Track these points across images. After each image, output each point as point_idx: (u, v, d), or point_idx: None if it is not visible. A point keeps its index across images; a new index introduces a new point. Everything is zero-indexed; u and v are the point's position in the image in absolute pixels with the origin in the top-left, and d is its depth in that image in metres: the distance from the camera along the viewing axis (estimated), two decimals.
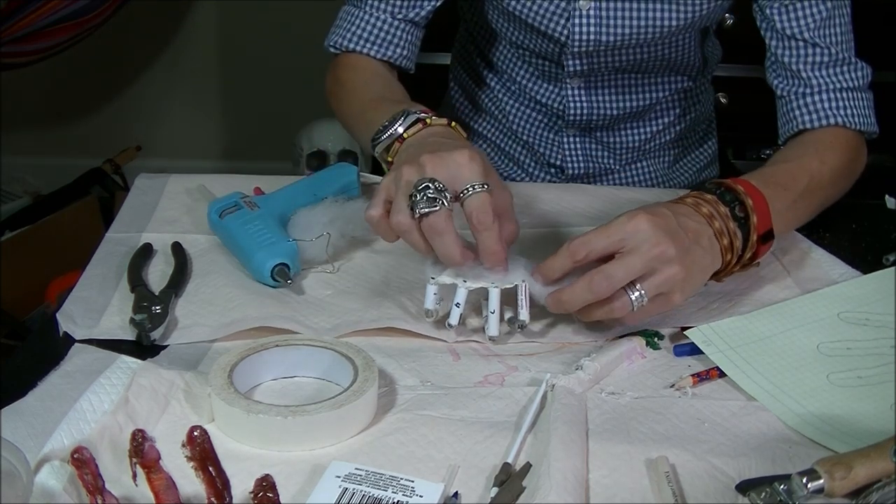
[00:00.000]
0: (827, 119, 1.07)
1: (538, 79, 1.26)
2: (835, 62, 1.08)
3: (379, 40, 1.15)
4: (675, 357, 0.86)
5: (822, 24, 1.07)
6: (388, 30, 1.15)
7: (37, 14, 2.37)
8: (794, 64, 1.08)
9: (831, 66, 1.08)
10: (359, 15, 1.16)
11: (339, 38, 1.17)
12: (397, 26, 1.15)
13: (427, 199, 0.81)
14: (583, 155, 1.31)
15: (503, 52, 1.28)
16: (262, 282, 0.94)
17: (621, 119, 1.27)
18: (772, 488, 0.65)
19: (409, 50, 1.17)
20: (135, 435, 0.61)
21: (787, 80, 1.09)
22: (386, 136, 0.95)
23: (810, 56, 1.08)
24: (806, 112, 1.08)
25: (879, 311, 0.91)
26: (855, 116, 1.07)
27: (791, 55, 1.08)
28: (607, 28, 1.13)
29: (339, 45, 1.17)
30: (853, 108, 1.07)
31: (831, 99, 1.07)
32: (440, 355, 0.85)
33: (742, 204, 0.89)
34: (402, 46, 1.16)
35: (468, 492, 0.68)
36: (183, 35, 3.08)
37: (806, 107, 1.08)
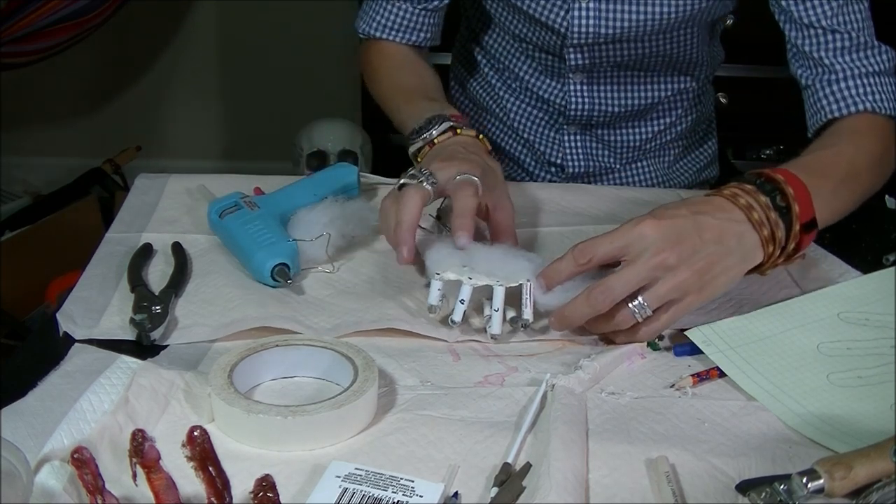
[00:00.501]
0: (856, 105, 1.05)
1: (541, 73, 1.26)
2: (856, 47, 1.06)
3: (402, 28, 1.21)
4: (675, 357, 0.86)
5: (838, 10, 1.06)
6: (409, 18, 1.21)
7: (37, 14, 2.37)
8: (816, 52, 1.07)
9: (853, 51, 1.06)
10: (382, 4, 1.21)
11: (366, 25, 1.23)
12: (418, 14, 1.21)
13: (410, 175, 0.91)
14: (583, 153, 1.31)
15: (505, 46, 1.29)
16: (262, 282, 0.94)
17: (623, 117, 1.27)
18: (772, 488, 0.65)
19: (431, 33, 1.23)
20: (135, 435, 0.61)
21: (811, 68, 1.08)
22: (420, 140, 1.02)
23: (830, 42, 1.06)
24: (833, 100, 1.06)
25: (879, 311, 0.91)
26: (884, 101, 1.05)
27: (811, 43, 1.07)
28: (606, 20, 1.14)
29: (367, 33, 1.24)
30: (881, 93, 1.05)
31: (858, 85, 1.05)
32: (440, 355, 0.85)
33: (783, 193, 0.86)
34: (424, 31, 1.22)
35: (468, 492, 0.68)
36: (183, 35, 3.09)
37: (833, 94, 1.06)
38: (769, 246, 0.86)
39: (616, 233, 0.83)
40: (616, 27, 1.14)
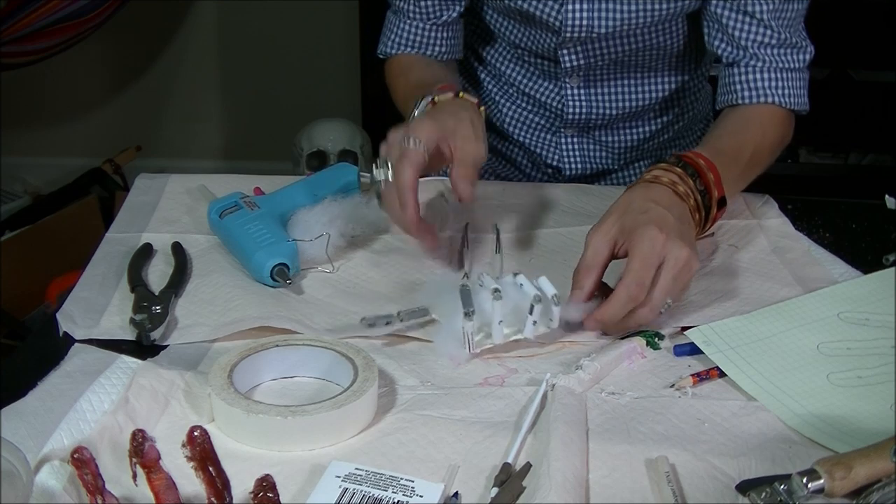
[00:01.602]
0: (766, 97, 1.11)
1: (537, 78, 1.26)
2: (782, 43, 1.11)
3: (418, 44, 1.23)
4: (675, 357, 0.86)
5: (779, 5, 1.09)
6: (424, 34, 1.22)
7: (37, 14, 2.37)
8: (745, 40, 1.11)
9: (778, 47, 1.11)
10: (397, 23, 1.23)
11: (384, 46, 1.25)
12: (432, 29, 1.21)
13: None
14: (580, 155, 1.30)
15: (500, 53, 1.28)
16: (262, 282, 0.94)
17: (620, 118, 1.27)
18: (772, 488, 0.65)
19: (447, 46, 1.24)
20: (135, 435, 0.61)
21: (735, 50, 1.13)
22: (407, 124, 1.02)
23: (761, 35, 1.11)
24: (747, 88, 1.12)
25: (879, 311, 0.91)
26: (791, 97, 1.12)
27: (742, 30, 1.11)
28: (599, 13, 1.14)
29: (385, 53, 1.26)
30: (790, 89, 1.12)
31: (772, 78, 1.11)
32: (440, 357, 0.85)
33: (702, 177, 0.95)
34: (440, 45, 1.23)
35: (468, 492, 0.68)
36: (183, 35, 3.09)
37: (748, 83, 1.12)
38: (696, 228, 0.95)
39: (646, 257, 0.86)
40: (609, 20, 1.14)
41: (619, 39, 1.17)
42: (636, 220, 0.88)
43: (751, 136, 1.09)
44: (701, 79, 1.32)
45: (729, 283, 0.97)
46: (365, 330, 0.86)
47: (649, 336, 0.87)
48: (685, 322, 0.90)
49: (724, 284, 0.97)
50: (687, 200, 0.93)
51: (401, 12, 1.22)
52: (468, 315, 0.83)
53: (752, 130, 1.10)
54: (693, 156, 0.97)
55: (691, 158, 0.96)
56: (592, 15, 1.14)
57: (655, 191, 0.93)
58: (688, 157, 0.97)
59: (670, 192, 0.93)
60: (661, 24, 1.16)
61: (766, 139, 1.10)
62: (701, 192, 0.95)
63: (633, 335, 0.87)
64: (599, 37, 1.16)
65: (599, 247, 0.89)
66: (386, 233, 1.06)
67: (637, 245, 0.86)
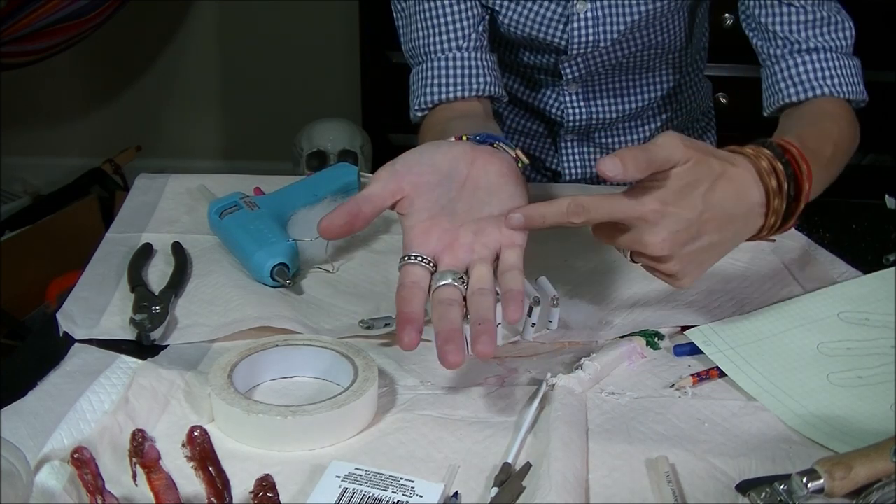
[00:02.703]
0: (813, 91, 1.02)
1: (537, 86, 1.26)
2: (815, 21, 1.03)
3: (462, 79, 1.07)
4: (675, 357, 0.86)
5: None
6: (463, 64, 1.07)
7: (37, 14, 2.37)
8: (773, 24, 1.04)
9: (811, 26, 1.03)
10: (430, 66, 1.08)
11: (420, 98, 1.07)
12: (470, 57, 1.07)
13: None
14: (580, 160, 1.30)
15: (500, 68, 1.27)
16: (262, 282, 0.94)
17: (619, 120, 1.27)
18: (772, 488, 0.65)
19: (491, 76, 1.08)
20: (135, 435, 0.61)
21: (768, 41, 1.05)
22: None
23: (786, 16, 1.03)
24: (791, 83, 1.03)
25: (879, 311, 0.90)
26: (842, 85, 1.02)
27: (769, 15, 1.04)
28: (604, 27, 1.13)
29: (425, 104, 1.07)
30: (840, 77, 1.02)
31: (816, 69, 1.02)
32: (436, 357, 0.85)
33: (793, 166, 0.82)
34: (484, 74, 1.07)
35: (468, 492, 0.68)
36: (183, 35, 3.09)
37: (791, 78, 1.03)
38: (770, 218, 0.81)
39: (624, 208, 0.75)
40: (614, 32, 1.14)
41: (621, 45, 1.17)
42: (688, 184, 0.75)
43: (828, 126, 0.97)
44: (698, 73, 1.31)
45: (729, 283, 0.97)
46: (363, 332, 0.86)
47: (649, 336, 0.87)
48: (685, 322, 0.90)
49: (724, 284, 0.97)
50: (767, 179, 0.79)
51: (430, 53, 1.07)
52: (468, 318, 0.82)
53: (826, 122, 0.98)
54: (784, 142, 0.83)
55: (783, 145, 0.82)
56: (598, 29, 1.13)
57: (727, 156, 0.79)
58: (777, 141, 0.83)
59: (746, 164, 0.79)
60: (663, 20, 1.16)
61: (843, 132, 0.98)
62: (789, 179, 0.81)
63: (632, 335, 0.87)
64: (604, 48, 1.16)
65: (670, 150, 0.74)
66: (386, 233, 1.06)
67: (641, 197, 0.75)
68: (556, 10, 1.13)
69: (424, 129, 1.08)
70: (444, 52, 1.07)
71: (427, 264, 0.77)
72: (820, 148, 0.91)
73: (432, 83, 1.07)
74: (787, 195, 0.81)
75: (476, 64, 1.07)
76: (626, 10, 1.12)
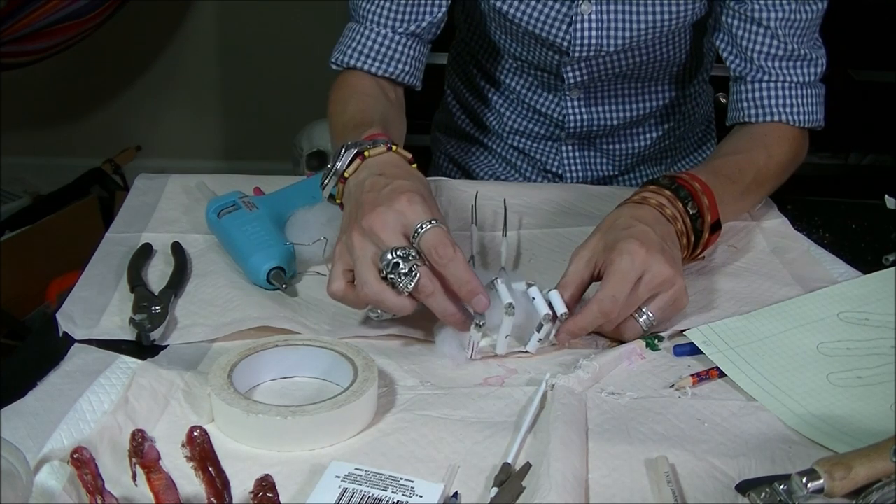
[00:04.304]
0: (772, 115, 1.10)
1: (539, 88, 1.26)
2: (790, 56, 1.09)
3: (379, 56, 1.12)
4: (675, 357, 0.86)
5: (791, 13, 1.07)
6: (388, 45, 1.12)
7: (37, 14, 2.37)
8: (751, 51, 1.10)
9: (786, 60, 1.09)
10: (359, 30, 1.12)
11: (340, 54, 1.14)
12: (398, 41, 1.12)
13: (405, 274, 0.80)
14: (581, 163, 1.30)
15: (502, 64, 1.28)
16: (258, 285, 0.94)
17: (621, 127, 1.27)
18: (772, 488, 0.65)
19: (411, 66, 1.13)
20: (135, 435, 0.61)
21: (743, 63, 1.11)
22: (328, 180, 0.92)
23: (767, 47, 1.09)
24: (754, 105, 1.11)
25: (879, 311, 0.91)
26: (801, 114, 1.10)
27: (750, 40, 1.10)
28: (608, 32, 1.13)
29: (340, 62, 1.14)
30: (800, 106, 1.10)
31: (780, 95, 1.10)
32: (440, 358, 0.85)
33: (696, 200, 0.93)
34: (402, 62, 1.12)
35: (468, 492, 0.68)
36: (182, 35, 3.08)
37: (755, 101, 1.10)
38: (684, 251, 0.93)
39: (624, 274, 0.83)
40: (618, 38, 1.13)
41: (623, 54, 1.17)
42: (617, 236, 0.86)
43: (755, 156, 1.06)
44: (702, 82, 1.32)
45: (729, 283, 0.97)
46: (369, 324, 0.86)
47: (648, 337, 0.87)
48: (685, 322, 0.90)
49: (724, 284, 0.97)
50: (674, 223, 0.91)
51: (365, 19, 1.11)
52: (478, 326, 0.82)
53: (755, 150, 1.07)
54: (688, 178, 0.94)
55: (685, 181, 0.94)
56: (601, 34, 1.13)
57: (642, 210, 0.90)
58: (682, 178, 0.94)
59: (657, 213, 0.90)
60: (668, 36, 1.16)
61: (772, 159, 1.08)
62: (693, 216, 0.92)
63: None
64: (607, 54, 1.16)
65: (578, 266, 0.86)
66: None
67: (615, 259, 0.84)
68: (561, 10, 1.12)
69: (337, 86, 1.14)
70: (379, 26, 1.11)
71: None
72: (738, 176, 1.03)
73: (355, 48, 1.12)
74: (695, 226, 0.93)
75: (401, 50, 1.12)
76: (631, 16, 1.12)
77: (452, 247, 0.80)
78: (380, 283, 0.81)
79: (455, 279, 0.80)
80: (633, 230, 0.86)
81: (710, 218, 0.94)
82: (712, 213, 0.94)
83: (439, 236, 0.80)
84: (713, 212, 0.94)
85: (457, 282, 0.80)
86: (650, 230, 0.87)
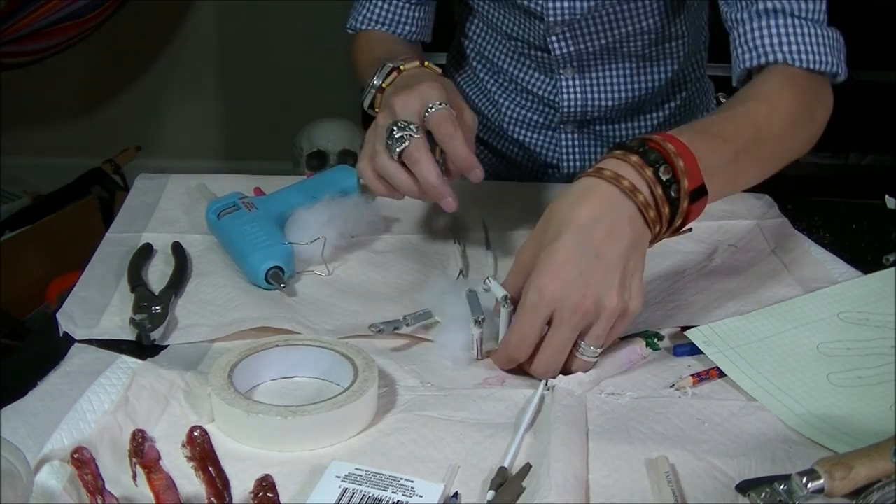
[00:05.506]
0: (766, 56, 0.96)
1: (532, 70, 1.26)
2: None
3: (388, 21, 1.22)
4: (675, 357, 0.86)
5: None
6: (395, 10, 1.21)
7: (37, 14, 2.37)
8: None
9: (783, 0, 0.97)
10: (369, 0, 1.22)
11: (353, 20, 1.24)
12: (405, 7, 1.21)
13: (397, 139, 0.90)
14: (580, 153, 1.30)
15: (494, 44, 1.28)
16: (257, 284, 0.94)
17: (617, 111, 1.27)
18: (772, 488, 0.65)
19: (418, 26, 1.23)
20: (135, 435, 0.61)
21: (736, 7, 1.00)
22: (367, 92, 1.03)
23: None
24: (747, 49, 0.98)
25: (879, 311, 0.91)
26: (802, 53, 0.95)
27: None
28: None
29: (354, 28, 1.25)
30: (802, 45, 0.96)
31: (776, 34, 0.96)
32: (442, 359, 0.85)
33: (669, 163, 0.80)
34: (410, 24, 1.22)
35: (468, 492, 0.68)
36: (183, 35, 3.09)
37: (749, 43, 0.98)
38: (656, 226, 0.80)
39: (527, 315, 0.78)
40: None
41: (605, 22, 1.16)
42: (541, 254, 0.79)
43: (752, 107, 0.92)
44: (699, 71, 1.31)
45: (729, 283, 0.97)
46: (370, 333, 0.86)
47: (649, 337, 0.87)
48: (685, 322, 0.90)
49: (724, 284, 0.97)
50: (634, 196, 0.78)
51: None
52: (478, 322, 0.82)
53: (752, 101, 0.93)
54: (660, 139, 0.81)
55: (657, 142, 0.80)
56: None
57: (589, 194, 0.79)
58: (653, 140, 0.81)
59: (611, 189, 0.79)
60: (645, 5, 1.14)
61: (775, 110, 0.92)
62: (666, 182, 0.79)
63: (632, 335, 0.87)
64: (584, 19, 1.15)
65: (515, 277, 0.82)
66: (386, 233, 1.06)
67: (524, 296, 0.79)
68: None
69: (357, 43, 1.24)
70: None
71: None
72: (731, 134, 0.88)
73: (366, 15, 1.23)
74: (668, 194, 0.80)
75: (407, 14, 1.22)
76: None
77: (454, 126, 0.90)
78: (385, 150, 0.91)
79: (454, 154, 0.90)
80: (555, 246, 0.77)
81: (689, 184, 0.80)
82: (691, 177, 0.80)
83: (444, 116, 0.91)
84: (693, 176, 0.80)
85: (455, 157, 0.90)
86: (577, 241, 0.77)
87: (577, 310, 0.77)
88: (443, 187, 0.89)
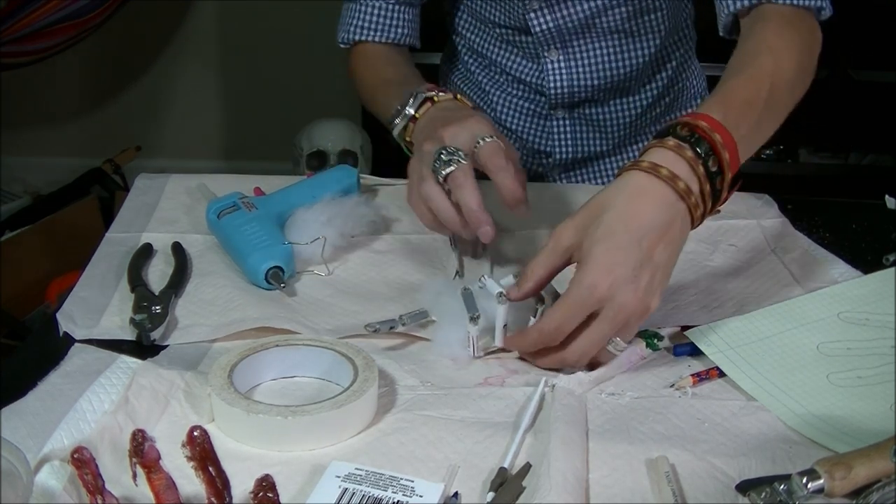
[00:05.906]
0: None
1: (520, 58, 1.27)
2: None
3: (380, 27, 1.22)
4: (675, 357, 0.86)
5: None
6: (386, 15, 1.22)
7: (37, 14, 2.37)
8: None
9: None
10: (357, 7, 1.22)
11: (344, 32, 1.24)
12: (393, 9, 1.22)
13: (445, 161, 0.90)
14: (571, 139, 1.30)
15: (481, 36, 1.29)
16: (257, 284, 0.94)
17: (604, 91, 1.26)
18: (772, 488, 0.65)
19: (408, 28, 1.24)
20: (135, 435, 0.61)
21: None
22: (400, 120, 1.03)
23: None
24: None
25: (879, 311, 0.91)
26: None
27: None
28: None
29: (346, 40, 1.25)
30: None
31: None
32: (440, 358, 0.85)
33: (717, 156, 0.81)
34: (401, 27, 1.23)
35: (468, 492, 0.68)
36: (183, 35, 3.09)
37: None
38: (697, 221, 0.83)
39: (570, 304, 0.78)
40: None
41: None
42: (592, 249, 0.78)
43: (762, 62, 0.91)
44: (684, 48, 1.30)
45: (729, 283, 0.97)
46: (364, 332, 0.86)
47: (649, 337, 0.87)
48: (685, 322, 0.90)
49: (724, 284, 0.97)
50: (687, 199, 0.79)
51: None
52: (474, 320, 0.83)
53: (761, 57, 0.92)
54: (707, 127, 0.81)
55: (704, 131, 0.80)
56: None
57: (645, 194, 0.80)
58: (700, 128, 0.81)
59: (666, 190, 0.79)
60: None
61: (781, 60, 0.92)
62: (713, 175, 0.80)
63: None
64: None
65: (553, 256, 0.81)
66: (386, 233, 1.06)
67: (572, 287, 0.78)
68: None
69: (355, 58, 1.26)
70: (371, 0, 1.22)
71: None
72: (754, 94, 0.88)
73: (357, 24, 1.23)
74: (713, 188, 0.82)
75: (396, 17, 1.22)
76: None
77: (505, 159, 0.91)
78: (431, 175, 0.91)
79: (503, 186, 0.91)
80: (609, 244, 0.78)
81: (730, 175, 0.82)
82: (733, 166, 0.82)
83: (496, 148, 0.92)
84: (734, 165, 0.82)
85: (504, 189, 0.90)
86: (632, 242, 0.78)
87: (623, 310, 0.78)
88: (483, 215, 0.89)
